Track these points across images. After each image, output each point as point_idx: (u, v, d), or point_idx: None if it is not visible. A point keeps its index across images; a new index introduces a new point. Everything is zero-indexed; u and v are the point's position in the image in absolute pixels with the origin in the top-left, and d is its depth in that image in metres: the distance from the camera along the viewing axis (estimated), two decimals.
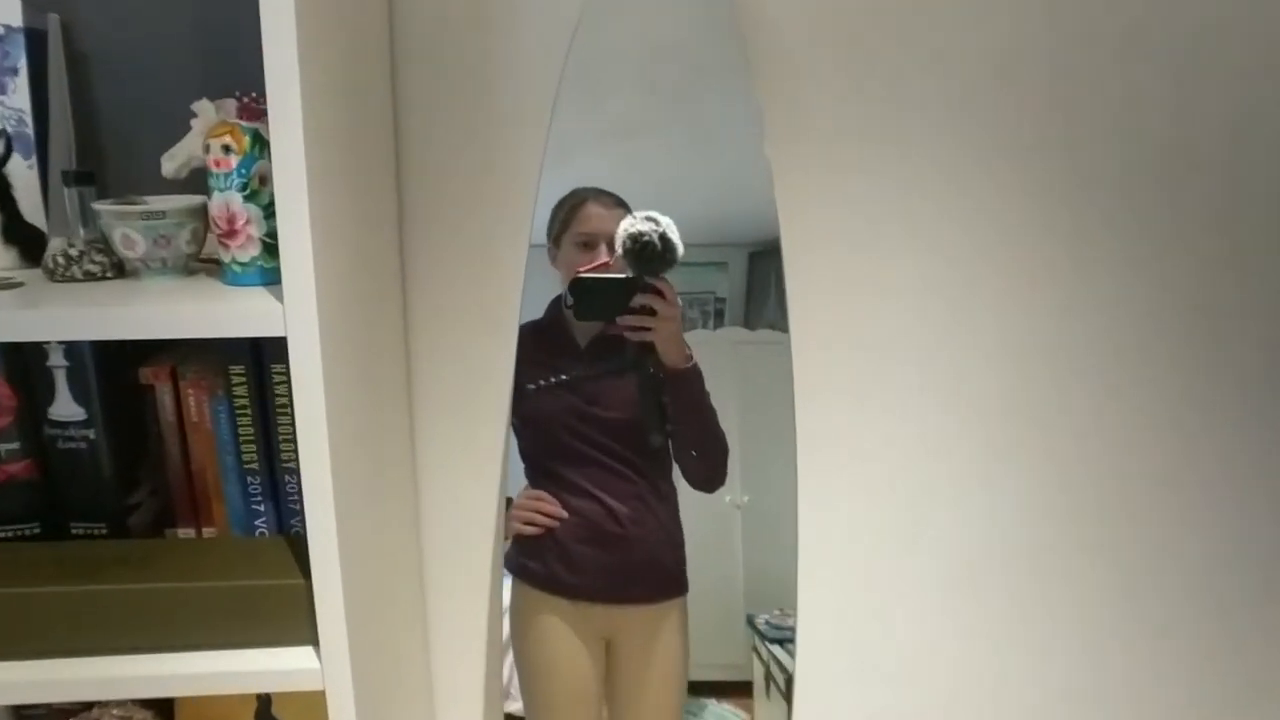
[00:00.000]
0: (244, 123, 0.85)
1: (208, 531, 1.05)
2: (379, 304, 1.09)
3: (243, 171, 0.85)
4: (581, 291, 1.17)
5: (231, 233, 0.86)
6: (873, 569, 1.32)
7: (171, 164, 0.98)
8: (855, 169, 1.19)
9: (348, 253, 0.92)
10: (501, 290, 1.18)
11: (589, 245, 1.26)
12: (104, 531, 1.01)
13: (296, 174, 0.76)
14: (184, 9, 1.07)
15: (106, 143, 1.09)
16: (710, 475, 1.39)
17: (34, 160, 1.01)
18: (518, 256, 1.15)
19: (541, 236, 1.33)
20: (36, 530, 0.98)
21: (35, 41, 1.01)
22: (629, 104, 1.21)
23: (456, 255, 1.19)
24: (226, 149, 0.84)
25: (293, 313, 0.80)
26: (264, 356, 0.95)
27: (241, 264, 0.88)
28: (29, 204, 1.01)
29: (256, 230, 0.86)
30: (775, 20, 1.16)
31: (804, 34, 1.16)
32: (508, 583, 1.45)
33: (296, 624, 0.92)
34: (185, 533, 1.05)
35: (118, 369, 0.97)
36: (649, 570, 1.41)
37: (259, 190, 0.86)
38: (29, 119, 1.01)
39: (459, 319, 1.22)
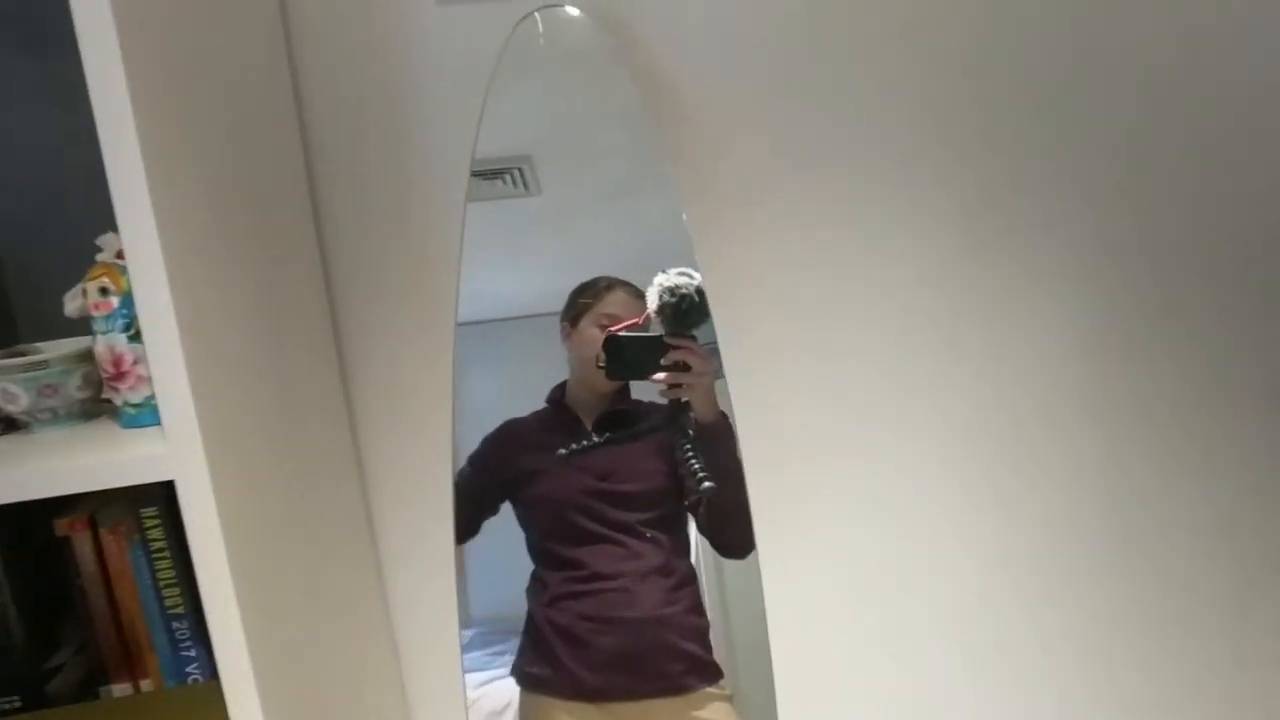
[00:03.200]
0: (121, 262, 0.82)
1: (144, 684, 1.00)
2: (303, 417, 1.05)
3: (124, 312, 0.82)
4: (616, 350, 1.20)
5: (120, 375, 0.83)
6: (841, 614, 1.35)
7: (74, 303, 0.95)
8: (774, 231, 1.23)
9: (250, 375, 0.88)
10: (437, 372, 1.20)
11: (609, 328, 1.26)
12: (18, 705, 0.95)
13: (163, 310, 0.72)
14: (83, 141, 1.05)
15: (14, 289, 1.07)
16: (745, 537, 1.32)
17: None
18: (446, 338, 1.17)
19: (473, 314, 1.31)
20: None
21: None
22: (614, 166, 1.23)
23: (393, 343, 1.21)
24: (104, 291, 0.81)
25: (178, 454, 0.76)
26: (175, 495, 0.91)
27: (135, 405, 0.84)
28: None
29: (146, 369, 0.83)
30: (674, 88, 1.18)
31: (705, 101, 1.19)
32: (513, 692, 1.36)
33: None
34: (121, 688, 0.99)
35: (25, 525, 0.93)
36: (677, 655, 1.32)
37: None
38: None
39: (403, 409, 1.23)
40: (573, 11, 1.12)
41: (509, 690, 1.27)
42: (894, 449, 1.29)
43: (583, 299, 1.26)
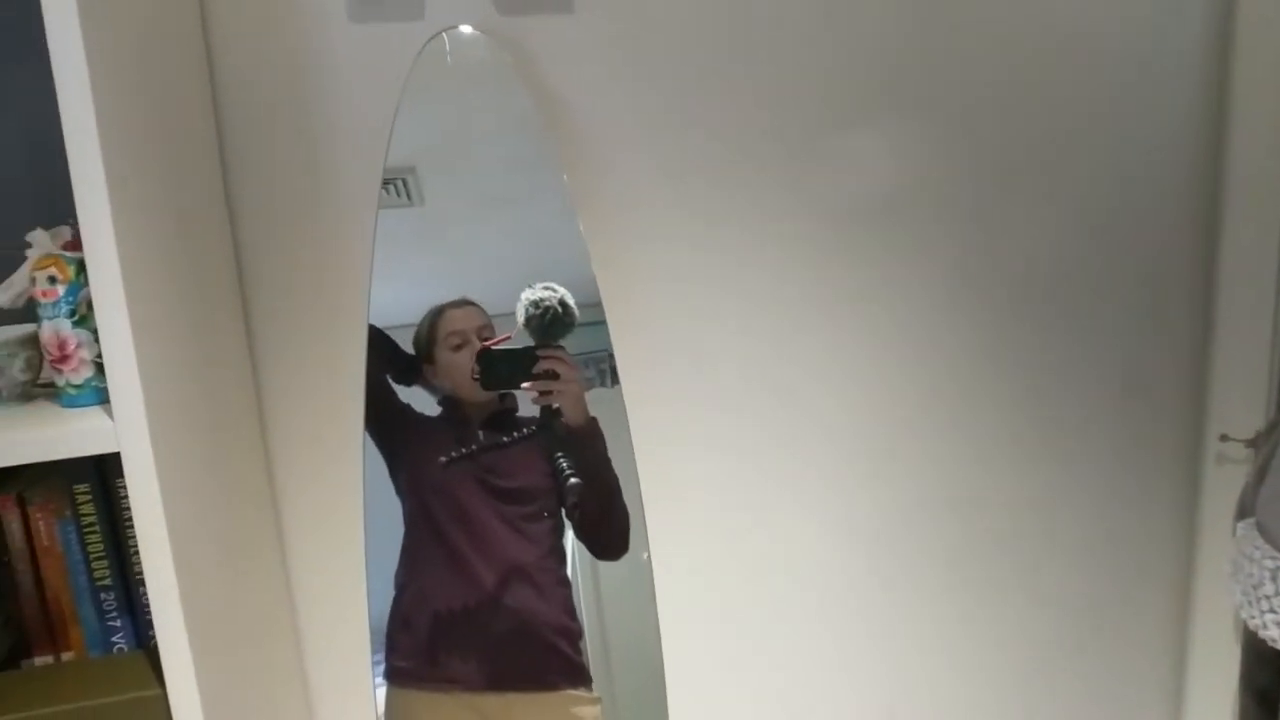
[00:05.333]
0: (68, 253, 0.89)
1: (66, 656, 1.05)
2: (226, 403, 1.13)
3: (69, 299, 0.89)
4: (489, 363, 1.26)
5: (64, 358, 0.90)
6: (728, 612, 1.46)
7: (7, 294, 1.00)
8: (661, 239, 1.34)
9: (183, 360, 0.96)
10: (347, 363, 1.28)
11: (462, 345, 1.31)
12: None
13: (115, 296, 0.81)
14: (14, 139, 1.10)
15: None
16: (616, 536, 1.40)
17: None
18: (359, 336, 1.24)
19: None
20: None
21: None
22: (502, 178, 1.29)
23: (302, 342, 1.27)
24: (52, 279, 0.88)
25: (124, 427, 0.83)
26: (108, 473, 0.98)
27: (76, 386, 0.91)
28: None
29: (88, 353, 0.90)
30: (573, 109, 1.29)
31: (602, 123, 1.30)
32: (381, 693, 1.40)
33: None
34: (43, 660, 1.05)
35: None
36: (546, 651, 1.38)
37: (88, 315, 0.89)
38: None
39: (311, 404, 1.29)
40: (477, 32, 1.22)
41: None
42: (768, 446, 1.42)
43: (424, 332, 1.31)
